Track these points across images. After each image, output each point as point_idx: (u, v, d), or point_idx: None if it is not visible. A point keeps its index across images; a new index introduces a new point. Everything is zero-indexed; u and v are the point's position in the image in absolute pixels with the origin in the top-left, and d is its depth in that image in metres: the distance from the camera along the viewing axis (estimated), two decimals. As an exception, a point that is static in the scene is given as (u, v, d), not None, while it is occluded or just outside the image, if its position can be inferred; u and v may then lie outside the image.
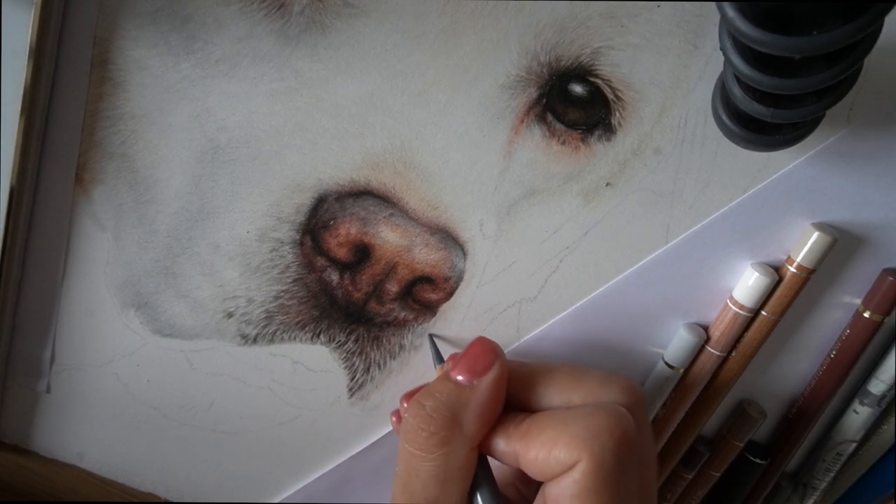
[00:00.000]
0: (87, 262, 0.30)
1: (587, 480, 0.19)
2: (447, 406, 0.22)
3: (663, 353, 0.28)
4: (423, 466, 0.21)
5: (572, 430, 0.20)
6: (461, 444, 0.22)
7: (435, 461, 0.21)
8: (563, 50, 0.25)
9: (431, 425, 0.21)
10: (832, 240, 0.25)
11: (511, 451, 0.22)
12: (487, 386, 0.22)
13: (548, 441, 0.20)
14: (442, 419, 0.21)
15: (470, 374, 0.22)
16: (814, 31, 0.17)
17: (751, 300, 0.26)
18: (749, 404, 0.30)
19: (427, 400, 0.22)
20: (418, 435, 0.21)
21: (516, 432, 0.22)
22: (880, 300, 0.26)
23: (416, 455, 0.22)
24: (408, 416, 0.22)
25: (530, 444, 0.21)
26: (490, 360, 0.22)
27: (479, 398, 0.22)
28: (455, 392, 0.22)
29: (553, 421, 0.21)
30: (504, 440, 0.22)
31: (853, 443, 0.30)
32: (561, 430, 0.20)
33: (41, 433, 0.34)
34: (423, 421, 0.21)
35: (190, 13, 0.26)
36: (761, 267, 0.26)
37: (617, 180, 0.27)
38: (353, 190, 0.27)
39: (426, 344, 0.30)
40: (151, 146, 0.28)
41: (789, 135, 0.23)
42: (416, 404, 0.22)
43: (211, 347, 0.31)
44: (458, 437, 0.21)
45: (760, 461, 0.31)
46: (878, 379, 0.28)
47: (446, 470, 0.21)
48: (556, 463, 0.20)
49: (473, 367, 0.22)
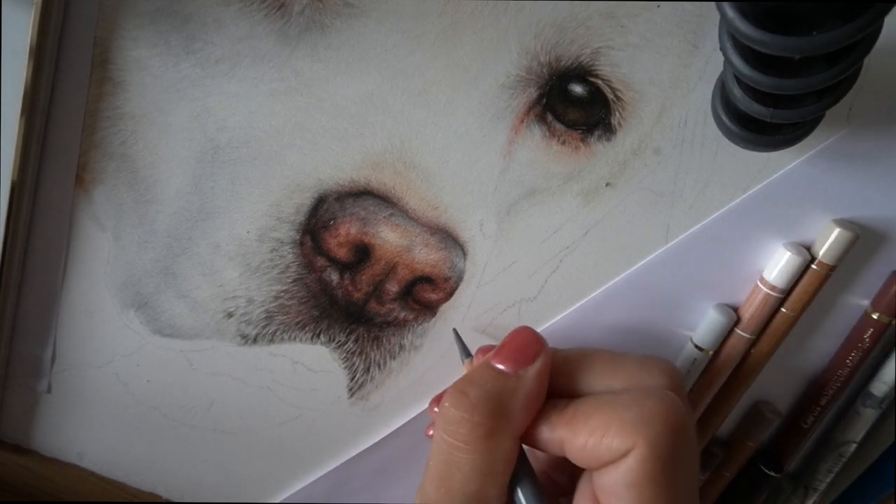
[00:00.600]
0: (88, 262, 0.30)
1: (644, 468, 0.18)
2: (493, 395, 0.20)
3: (692, 336, 0.28)
4: (466, 459, 0.20)
5: (624, 415, 0.19)
6: (507, 436, 0.20)
7: (479, 454, 0.20)
8: (563, 50, 0.25)
9: (476, 415, 0.20)
10: (854, 236, 0.25)
11: (556, 438, 0.21)
12: (535, 375, 0.21)
13: (598, 427, 0.19)
14: (488, 409, 0.20)
15: (515, 364, 0.21)
16: (814, 31, 0.17)
17: (782, 281, 0.26)
18: (764, 405, 0.30)
19: (471, 389, 0.21)
20: (461, 425, 0.20)
21: (560, 420, 0.21)
22: (889, 302, 0.26)
23: (457, 447, 0.20)
24: (448, 406, 0.21)
25: (578, 431, 0.20)
26: (537, 350, 0.21)
27: (526, 387, 0.21)
28: (501, 381, 0.21)
29: (602, 406, 0.20)
30: (548, 428, 0.21)
31: (854, 444, 0.30)
32: (611, 416, 0.19)
33: (42, 433, 0.34)
34: (468, 411, 0.20)
35: (190, 13, 0.26)
36: (794, 247, 0.26)
37: (617, 180, 0.27)
38: (353, 190, 0.27)
39: (426, 344, 0.30)
40: (151, 146, 0.28)
41: (789, 135, 0.23)
42: (457, 394, 0.21)
43: (211, 347, 0.31)
44: (505, 428, 0.20)
45: (774, 473, 0.30)
46: (879, 380, 0.28)
47: (489, 463, 0.20)
48: (607, 450, 0.19)
49: (519, 357, 0.21)
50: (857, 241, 0.25)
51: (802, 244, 0.26)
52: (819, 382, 0.29)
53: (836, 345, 0.29)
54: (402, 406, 0.31)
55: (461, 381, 0.21)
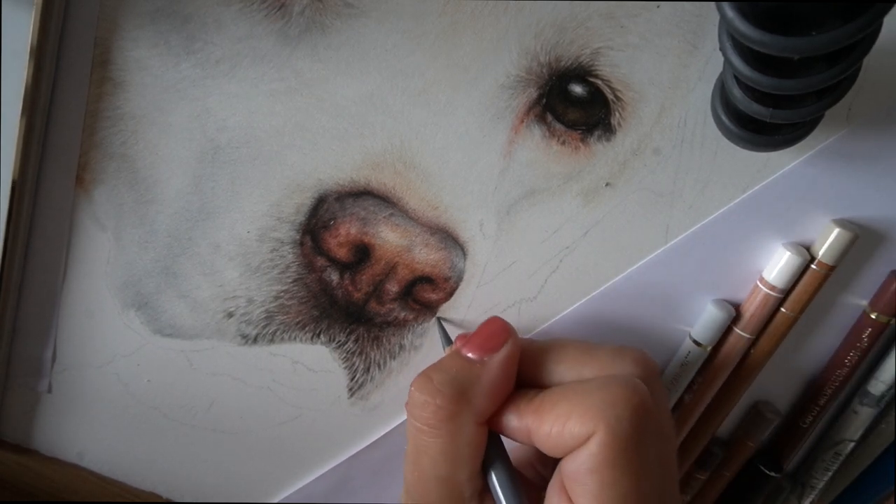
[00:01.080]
0: (88, 262, 0.30)
1: (604, 452, 0.19)
2: (456, 380, 0.21)
3: (690, 331, 0.28)
4: (431, 443, 0.21)
5: (586, 401, 0.19)
6: (468, 420, 0.21)
7: (443, 437, 0.21)
8: (563, 50, 0.25)
9: (438, 398, 0.21)
10: (853, 236, 0.25)
11: (523, 426, 0.21)
12: (499, 363, 0.22)
13: (561, 415, 0.20)
14: (450, 393, 0.21)
15: (481, 351, 0.22)
16: (813, 32, 0.17)
17: (782, 281, 0.26)
18: (764, 405, 0.30)
19: (435, 374, 0.21)
20: (425, 409, 0.21)
21: (528, 408, 0.21)
22: (888, 301, 0.26)
23: (423, 431, 0.21)
24: (414, 389, 0.21)
25: (543, 418, 0.20)
26: (503, 338, 0.22)
27: (490, 374, 0.21)
28: (465, 367, 0.22)
29: (566, 394, 0.21)
30: (516, 416, 0.21)
31: (851, 442, 0.30)
32: (574, 403, 0.20)
33: (42, 433, 0.34)
34: (430, 394, 0.21)
35: (190, 13, 0.26)
36: (793, 247, 0.26)
37: (617, 180, 0.27)
38: (353, 190, 0.27)
39: (426, 344, 0.30)
40: (152, 146, 0.28)
41: (789, 135, 0.23)
42: (423, 378, 0.22)
43: (211, 347, 0.31)
44: (466, 413, 0.21)
45: (774, 473, 0.31)
46: (877, 379, 0.28)
47: (455, 446, 0.21)
48: (570, 436, 0.19)
49: (485, 345, 0.22)
50: (857, 241, 0.25)
51: (802, 244, 0.26)
52: (818, 382, 0.29)
53: (834, 344, 0.29)
54: (402, 406, 0.31)
55: (430, 367, 0.22)
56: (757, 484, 0.31)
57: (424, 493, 0.22)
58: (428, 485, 0.21)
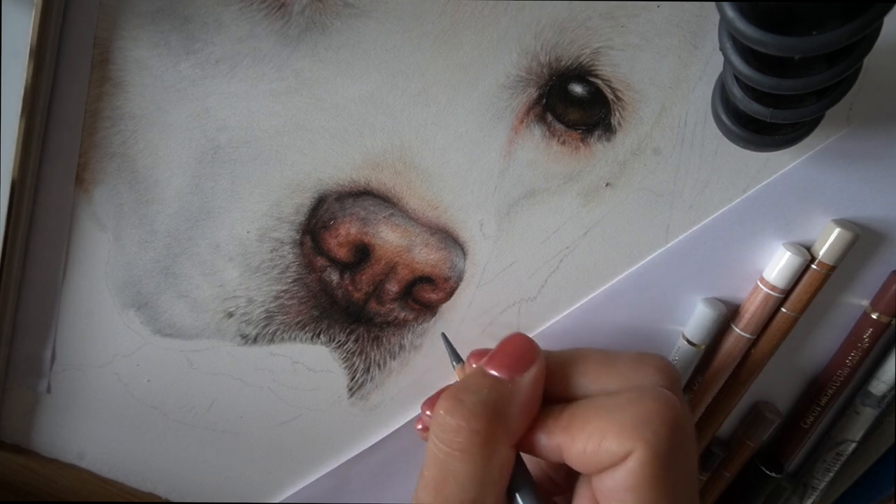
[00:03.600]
0: (88, 262, 0.30)
1: (644, 470, 0.18)
2: (489, 402, 0.20)
3: (683, 331, 0.28)
4: (462, 468, 0.20)
5: (620, 418, 0.19)
6: (504, 443, 0.20)
7: (476, 462, 0.20)
8: (563, 50, 0.25)
9: (473, 423, 0.20)
10: (854, 236, 0.25)
11: (554, 445, 0.20)
12: (531, 381, 0.21)
13: (595, 432, 0.19)
14: (485, 416, 0.20)
15: (511, 370, 0.21)
16: (813, 32, 0.17)
17: (783, 281, 0.26)
18: (764, 405, 0.30)
19: (466, 395, 0.20)
20: (459, 434, 0.20)
21: (556, 426, 0.20)
22: (889, 301, 0.26)
23: (453, 456, 0.20)
24: (443, 413, 0.20)
25: (575, 436, 0.20)
26: (532, 357, 0.21)
27: (523, 394, 0.20)
28: (496, 387, 0.20)
29: (597, 410, 0.20)
30: (545, 436, 0.20)
31: (853, 442, 0.30)
32: (608, 420, 0.19)
33: (42, 433, 0.34)
34: (464, 418, 0.20)
35: (190, 13, 0.26)
36: (794, 247, 0.26)
37: (617, 180, 0.27)
38: (353, 190, 0.27)
39: (426, 344, 0.30)
40: (152, 146, 0.28)
41: (789, 135, 0.23)
42: (453, 401, 0.20)
43: (211, 347, 0.31)
44: (502, 436, 0.20)
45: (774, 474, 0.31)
46: (878, 379, 0.28)
47: (487, 471, 0.20)
48: (606, 455, 0.19)
49: (515, 364, 0.21)
50: (857, 241, 0.25)
51: (802, 244, 0.26)
52: (819, 382, 0.29)
53: (835, 344, 0.29)
54: (402, 406, 0.31)
55: (455, 387, 0.21)
56: (758, 484, 0.31)
57: None
58: None
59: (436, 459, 0.20)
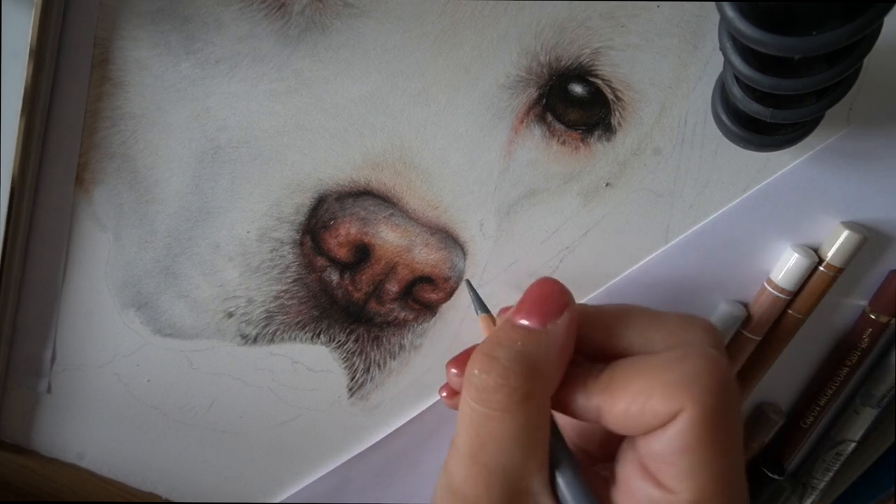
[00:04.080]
0: (88, 262, 0.30)
1: (696, 430, 0.17)
2: (524, 354, 0.19)
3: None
4: (502, 429, 0.18)
5: (667, 377, 0.18)
6: (544, 396, 0.19)
7: (517, 420, 0.18)
8: (563, 50, 0.25)
9: (512, 379, 0.18)
10: (862, 238, 0.25)
11: (592, 406, 0.19)
12: (564, 328, 0.19)
13: (640, 392, 0.18)
14: (522, 371, 0.18)
15: (542, 318, 0.19)
16: (813, 32, 0.17)
17: (790, 283, 0.26)
18: (768, 406, 0.30)
19: (500, 350, 0.19)
20: (497, 392, 0.18)
21: (596, 385, 0.19)
22: (888, 301, 0.26)
23: (492, 417, 0.18)
24: (479, 372, 0.19)
25: (617, 396, 0.18)
26: (564, 301, 0.20)
27: (557, 343, 0.19)
28: (529, 338, 0.19)
29: (641, 368, 0.18)
30: (583, 396, 0.19)
31: (852, 442, 0.30)
32: (653, 378, 0.18)
33: (42, 433, 0.34)
34: (502, 375, 0.18)
35: (190, 13, 0.26)
36: (801, 249, 0.26)
37: (617, 180, 0.27)
38: (353, 190, 0.27)
39: (426, 344, 0.30)
40: (152, 146, 0.28)
41: (789, 135, 0.23)
42: (485, 358, 0.19)
43: (211, 347, 0.31)
44: (541, 389, 0.19)
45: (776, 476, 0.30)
46: (878, 380, 0.28)
47: (528, 429, 0.18)
48: (652, 415, 0.17)
49: (545, 311, 0.19)
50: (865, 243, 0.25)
51: (803, 244, 0.26)
52: (818, 382, 0.29)
53: (835, 345, 0.29)
54: (402, 406, 0.31)
55: (486, 344, 0.19)
56: (759, 486, 0.31)
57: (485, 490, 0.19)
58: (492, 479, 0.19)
59: (472, 424, 0.19)
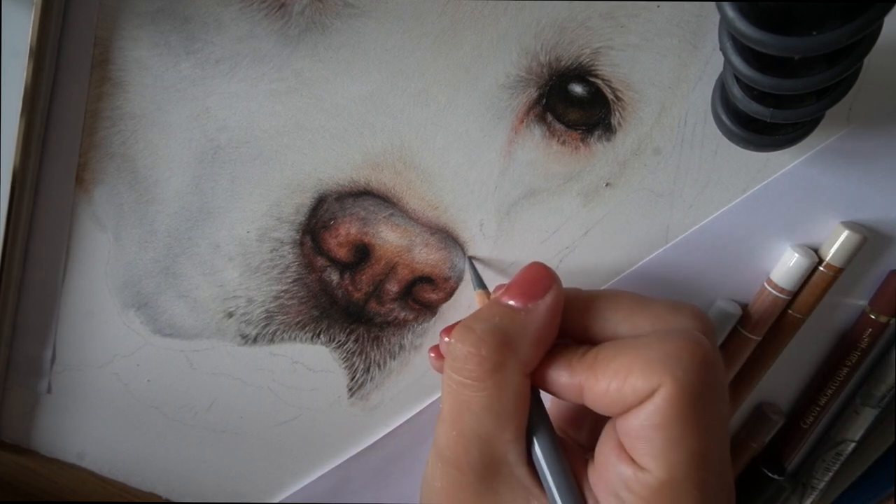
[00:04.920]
0: (88, 262, 0.30)
1: (673, 406, 0.17)
2: (500, 329, 0.20)
3: None
4: (475, 398, 0.20)
5: (648, 355, 0.18)
6: (515, 371, 0.20)
7: (487, 390, 0.19)
8: (563, 50, 0.25)
9: (483, 349, 0.19)
10: (862, 238, 0.25)
11: (576, 384, 0.20)
12: (545, 310, 0.20)
13: (621, 369, 0.18)
14: (494, 342, 0.20)
15: (524, 299, 0.20)
16: (813, 32, 0.17)
17: (790, 283, 0.26)
18: (768, 406, 0.30)
19: (477, 323, 0.20)
20: (469, 360, 0.20)
21: (580, 364, 0.20)
22: (888, 301, 0.26)
23: (465, 385, 0.20)
24: (455, 341, 0.20)
25: (599, 374, 0.19)
26: (548, 285, 0.20)
27: (536, 322, 0.20)
28: (508, 315, 0.20)
29: (624, 349, 0.19)
30: (567, 373, 0.20)
31: (852, 442, 0.30)
32: (634, 357, 0.18)
33: (42, 433, 0.34)
34: (474, 345, 0.20)
35: (190, 13, 0.26)
36: (801, 249, 0.26)
37: (617, 180, 0.27)
38: (353, 190, 0.27)
39: (426, 344, 0.30)
40: (152, 146, 0.28)
41: (789, 135, 0.23)
42: (464, 329, 0.20)
43: (211, 347, 0.31)
44: (512, 363, 0.20)
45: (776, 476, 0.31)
46: (878, 380, 0.28)
47: (500, 400, 0.19)
48: (632, 392, 0.18)
49: (528, 291, 0.20)
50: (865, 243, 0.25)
51: (803, 245, 0.26)
52: (818, 382, 0.29)
53: (835, 344, 0.29)
54: (402, 406, 0.31)
55: (469, 317, 0.21)
56: (759, 486, 0.31)
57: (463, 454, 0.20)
58: (468, 445, 0.20)
59: (450, 391, 0.20)
